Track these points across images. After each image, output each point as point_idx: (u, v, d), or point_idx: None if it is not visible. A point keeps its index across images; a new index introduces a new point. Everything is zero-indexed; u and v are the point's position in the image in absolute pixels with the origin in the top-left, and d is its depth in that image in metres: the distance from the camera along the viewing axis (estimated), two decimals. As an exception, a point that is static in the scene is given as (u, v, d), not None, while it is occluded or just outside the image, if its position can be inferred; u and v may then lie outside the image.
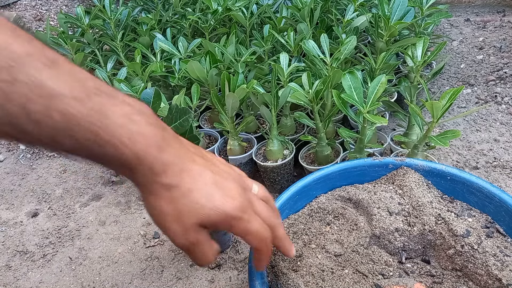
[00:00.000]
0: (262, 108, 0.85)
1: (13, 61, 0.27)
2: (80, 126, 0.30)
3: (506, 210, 0.53)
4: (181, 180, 0.36)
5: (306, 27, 0.98)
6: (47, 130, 0.29)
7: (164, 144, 0.35)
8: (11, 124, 0.28)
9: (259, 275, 0.50)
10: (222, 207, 0.37)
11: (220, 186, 0.38)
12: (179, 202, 0.36)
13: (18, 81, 0.28)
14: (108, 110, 0.32)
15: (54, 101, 0.29)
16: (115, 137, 0.32)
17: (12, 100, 0.28)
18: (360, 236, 0.55)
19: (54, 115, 0.29)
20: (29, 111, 0.28)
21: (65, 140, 0.30)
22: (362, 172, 0.64)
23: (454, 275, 0.51)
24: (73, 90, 0.30)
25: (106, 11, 1.18)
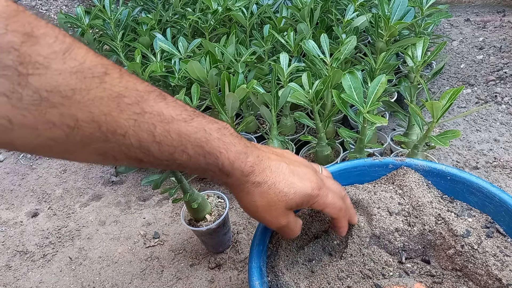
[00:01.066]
0: (262, 108, 0.85)
1: (140, 98, 0.34)
2: (190, 142, 0.37)
3: (506, 210, 0.53)
4: (265, 176, 0.44)
5: (306, 27, 0.98)
6: (167, 149, 0.36)
7: (247, 150, 0.43)
8: (140, 147, 0.35)
9: (260, 275, 0.50)
10: (303, 190, 0.45)
11: (297, 173, 0.46)
12: (268, 194, 0.44)
13: (146, 112, 0.34)
14: (206, 127, 0.39)
15: (171, 124, 0.36)
16: (215, 148, 0.39)
17: (143, 127, 0.34)
18: (360, 236, 0.55)
19: (172, 135, 0.36)
20: (154, 134, 0.35)
21: (180, 155, 0.37)
22: (362, 172, 0.64)
23: (454, 275, 0.51)
24: (181, 114, 0.37)
25: (106, 11, 1.18)
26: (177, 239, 0.94)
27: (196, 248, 0.90)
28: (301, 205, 0.46)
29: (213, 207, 0.83)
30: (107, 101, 0.32)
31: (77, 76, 0.30)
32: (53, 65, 0.29)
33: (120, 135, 0.33)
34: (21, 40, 0.28)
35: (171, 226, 0.97)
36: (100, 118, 0.31)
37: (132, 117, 0.33)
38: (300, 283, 0.52)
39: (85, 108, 0.31)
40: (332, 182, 0.51)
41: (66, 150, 0.32)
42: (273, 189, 0.44)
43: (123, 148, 0.34)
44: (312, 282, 0.52)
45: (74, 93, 0.30)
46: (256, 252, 0.53)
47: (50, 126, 0.30)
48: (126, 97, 0.33)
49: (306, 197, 0.45)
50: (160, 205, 1.04)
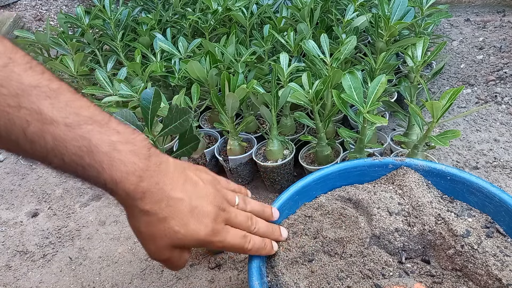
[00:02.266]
0: (262, 108, 0.85)
1: (20, 91, 0.32)
2: (67, 149, 0.35)
3: (506, 210, 0.53)
4: (158, 208, 0.41)
5: (306, 27, 0.98)
6: (40, 149, 0.34)
7: (144, 173, 0.39)
8: (11, 141, 0.33)
9: (259, 275, 0.51)
10: (195, 235, 0.43)
11: (196, 214, 0.43)
12: (155, 226, 0.41)
13: (22, 107, 0.32)
14: (94, 137, 0.36)
15: (48, 126, 0.34)
16: (97, 162, 0.36)
17: (15, 122, 0.32)
18: (360, 236, 0.55)
19: (46, 137, 0.34)
20: (27, 132, 0.33)
21: (54, 159, 0.35)
22: (362, 172, 0.64)
23: (454, 275, 0.51)
24: (66, 118, 0.35)
25: (106, 11, 1.18)
26: (177, 239, 0.93)
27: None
28: (192, 246, 0.45)
29: (213, 207, 0.82)
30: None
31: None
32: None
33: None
34: None
35: (171, 226, 0.97)
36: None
37: (5, 109, 0.32)
38: (300, 283, 0.52)
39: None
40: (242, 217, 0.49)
41: None
42: (163, 224, 0.41)
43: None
44: (312, 282, 0.52)
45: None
46: (256, 252, 0.53)
47: None
48: (4, 87, 0.32)
49: (196, 242, 0.43)
50: (160, 205, 1.04)
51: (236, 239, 0.47)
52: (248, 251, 0.49)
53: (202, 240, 0.43)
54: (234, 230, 0.47)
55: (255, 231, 0.51)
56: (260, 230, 0.51)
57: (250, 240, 0.49)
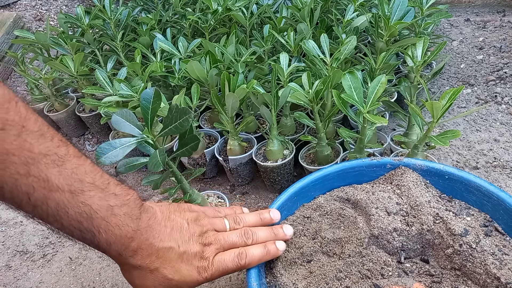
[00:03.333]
0: (262, 108, 0.85)
1: (31, 159, 0.34)
2: (68, 215, 0.37)
3: (504, 208, 0.53)
4: (149, 262, 0.43)
5: (306, 27, 0.98)
6: (41, 213, 0.36)
7: (135, 234, 0.42)
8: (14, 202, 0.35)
9: (258, 276, 0.51)
10: (189, 277, 0.45)
11: (185, 258, 0.46)
12: (148, 278, 0.44)
13: (30, 175, 0.34)
14: (94, 203, 0.38)
15: (53, 193, 0.36)
16: (95, 227, 0.39)
17: (22, 189, 0.34)
18: (358, 237, 0.55)
19: (50, 203, 0.36)
20: (31, 197, 0.35)
21: (53, 223, 0.38)
22: (360, 173, 0.64)
23: (453, 274, 0.51)
24: (71, 185, 0.37)
25: (106, 11, 1.19)
26: (177, 239, 0.94)
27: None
28: None
29: (213, 207, 0.83)
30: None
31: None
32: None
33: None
34: None
35: (171, 226, 0.97)
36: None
37: (14, 176, 0.34)
38: (298, 283, 0.52)
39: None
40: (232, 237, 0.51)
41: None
42: (155, 274, 0.44)
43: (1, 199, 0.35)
44: (311, 283, 0.52)
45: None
46: (255, 252, 0.53)
47: None
48: (16, 156, 0.33)
49: (195, 283, 0.46)
50: (160, 205, 1.04)
51: (229, 263, 0.49)
52: (247, 265, 0.50)
53: (197, 280, 0.46)
54: (226, 254, 0.49)
55: (254, 242, 0.52)
56: (259, 239, 0.52)
57: (246, 255, 0.50)
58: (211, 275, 0.47)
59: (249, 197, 1.02)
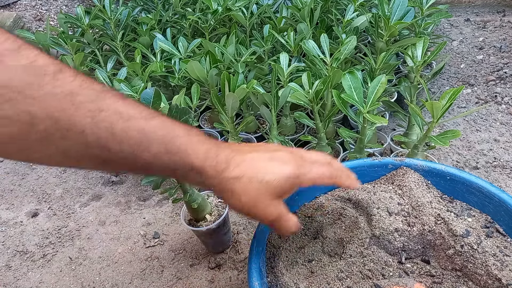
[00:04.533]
0: (262, 108, 0.85)
1: (95, 96, 0.34)
2: (153, 140, 0.37)
3: (506, 209, 0.53)
4: (242, 169, 0.42)
5: (306, 27, 0.98)
6: (128, 148, 0.35)
7: (218, 147, 0.42)
8: (100, 146, 0.34)
9: (259, 276, 0.51)
10: (285, 172, 0.43)
11: (274, 159, 0.44)
12: (251, 187, 0.42)
13: (102, 110, 0.34)
14: (170, 126, 0.38)
15: (131, 121, 0.35)
16: (181, 146, 0.38)
17: (100, 125, 0.34)
18: (360, 237, 0.55)
19: (132, 133, 0.35)
20: (114, 131, 0.34)
21: (143, 154, 0.36)
22: (361, 173, 0.64)
23: (453, 275, 0.51)
24: (141, 113, 0.36)
25: (106, 11, 1.18)
26: (177, 239, 0.94)
27: (196, 248, 0.90)
28: (289, 189, 0.44)
29: (213, 207, 0.83)
30: (60, 98, 0.32)
31: (29, 72, 0.31)
32: (6, 61, 0.30)
33: (77, 132, 0.33)
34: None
35: (171, 226, 0.97)
36: (54, 114, 0.32)
37: (88, 115, 0.33)
38: (300, 283, 0.52)
39: (39, 104, 0.31)
40: (312, 153, 0.49)
41: (24, 147, 0.32)
42: (254, 181, 0.42)
43: (83, 147, 0.34)
44: (312, 283, 0.52)
45: (26, 89, 0.30)
46: (255, 253, 0.53)
47: (6, 122, 0.30)
48: (80, 95, 0.33)
49: (290, 179, 0.43)
50: (160, 205, 1.04)
51: (323, 168, 0.46)
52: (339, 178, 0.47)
53: (292, 175, 0.43)
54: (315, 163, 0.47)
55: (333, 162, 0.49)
56: (336, 162, 0.50)
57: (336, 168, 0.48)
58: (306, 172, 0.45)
59: (249, 197, 1.02)
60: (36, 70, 0.31)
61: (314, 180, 0.45)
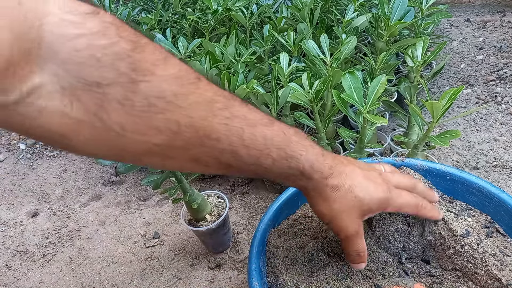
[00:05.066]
0: (262, 108, 0.85)
1: (227, 103, 0.35)
2: (274, 145, 0.38)
3: (506, 209, 0.53)
4: (342, 180, 0.43)
5: (306, 27, 0.98)
6: (254, 153, 0.37)
7: (324, 152, 0.43)
8: (231, 151, 0.35)
9: (259, 275, 0.50)
10: (378, 194, 0.45)
11: (369, 178, 0.45)
12: (345, 199, 0.43)
13: (234, 116, 0.35)
14: (285, 131, 0.39)
15: (256, 128, 0.36)
16: (295, 151, 0.40)
17: (233, 131, 0.35)
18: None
19: (258, 139, 0.36)
20: (243, 137, 0.35)
21: (265, 159, 0.38)
22: (362, 172, 0.64)
23: (454, 275, 0.51)
24: (262, 119, 0.38)
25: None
26: (177, 239, 0.94)
27: (196, 248, 0.90)
28: (376, 210, 0.46)
29: (213, 207, 0.83)
30: (203, 106, 0.33)
31: (177, 82, 0.31)
32: (158, 71, 0.30)
33: (214, 139, 0.34)
34: (131, 46, 0.28)
35: (171, 226, 0.97)
36: (198, 122, 0.32)
37: (223, 122, 0.34)
38: (300, 283, 0.52)
39: (185, 113, 0.32)
40: (398, 177, 0.50)
41: (167, 155, 0.33)
42: (350, 194, 0.44)
43: (217, 153, 0.35)
44: (312, 283, 0.52)
45: (176, 99, 0.31)
46: (255, 253, 0.53)
47: (156, 132, 0.31)
48: (217, 102, 0.34)
49: (380, 201, 0.45)
50: (160, 205, 1.04)
51: (410, 196, 0.48)
52: (424, 208, 0.49)
53: (382, 198, 0.45)
54: (402, 189, 0.48)
55: (416, 184, 0.51)
56: (419, 184, 0.52)
57: (421, 198, 0.49)
58: (396, 197, 0.46)
59: (249, 197, 1.02)
60: (183, 80, 0.32)
61: (401, 207, 0.47)
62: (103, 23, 0.27)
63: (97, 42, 0.27)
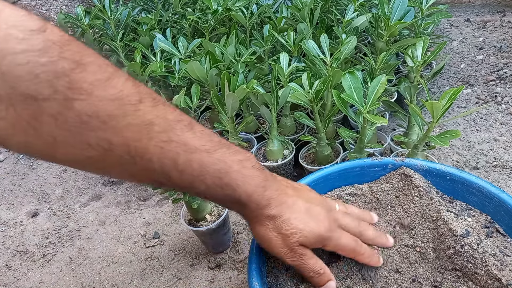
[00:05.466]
0: (262, 108, 0.85)
1: (168, 126, 0.36)
2: (209, 173, 0.39)
3: (506, 209, 0.53)
4: (281, 211, 0.45)
5: (306, 27, 0.98)
6: (187, 177, 0.38)
7: (266, 183, 0.44)
8: (164, 173, 0.36)
9: (259, 276, 0.50)
10: (317, 230, 0.46)
11: (311, 213, 0.46)
12: (282, 228, 0.45)
13: (172, 141, 0.36)
14: (227, 159, 0.40)
15: (194, 154, 0.37)
16: (233, 180, 0.41)
17: (167, 155, 0.36)
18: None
19: (193, 165, 0.37)
20: (178, 162, 0.37)
21: (199, 185, 0.39)
22: (361, 173, 0.64)
23: (453, 275, 0.51)
24: (204, 145, 0.38)
25: (106, 11, 1.18)
26: (177, 239, 0.94)
27: (196, 248, 0.90)
28: (314, 244, 0.47)
29: (213, 207, 0.83)
30: (139, 128, 0.34)
31: (114, 103, 0.32)
32: (95, 91, 0.31)
33: (147, 160, 0.35)
34: (71, 67, 0.30)
35: (171, 226, 0.97)
36: (131, 143, 0.34)
37: (159, 145, 0.35)
38: (300, 283, 0.52)
39: (119, 133, 0.33)
40: (348, 220, 0.51)
41: (100, 168, 0.35)
42: (287, 224, 0.45)
43: (148, 172, 0.36)
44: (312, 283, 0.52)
45: (111, 119, 0.32)
46: (255, 253, 0.53)
47: (87, 146, 0.32)
48: (156, 125, 0.35)
49: (319, 238, 0.46)
50: (160, 205, 1.04)
51: (350, 240, 0.49)
52: (361, 255, 0.50)
53: (322, 235, 0.46)
54: (345, 232, 0.49)
55: (364, 232, 0.52)
56: (367, 232, 0.52)
57: (362, 244, 0.50)
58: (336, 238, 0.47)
59: (249, 197, 1.02)
60: (121, 101, 0.33)
61: (338, 249, 0.48)
62: (46, 42, 0.29)
63: (38, 59, 0.28)
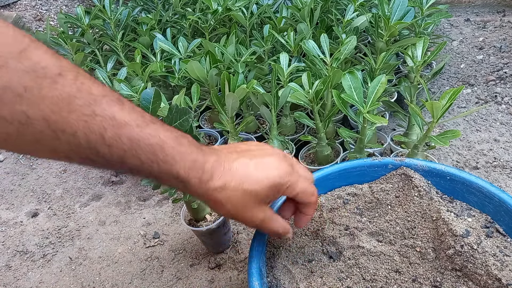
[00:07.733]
0: (262, 108, 0.85)
1: (92, 100, 0.35)
2: (142, 148, 0.38)
3: (506, 210, 0.53)
4: (226, 179, 0.43)
5: (306, 27, 0.98)
6: (117, 152, 0.37)
7: (204, 157, 0.42)
8: (90, 148, 0.35)
9: (259, 276, 0.50)
10: (271, 180, 0.44)
11: (261, 167, 0.45)
12: (235, 197, 0.43)
13: (96, 115, 0.35)
14: (161, 134, 0.39)
15: (123, 128, 0.36)
16: (169, 156, 0.39)
17: (93, 129, 0.35)
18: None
19: (122, 139, 0.36)
20: (104, 137, 0.35)
21: (131, 160, 0.38)
22: (361, 173, 0.64)
23: (453, 275, 0.51)
24: (136, 120, 0.37)
25: (106, 11, 1.18)
26: (177, 239, 0.94)
27: (196, 248, 0.90)
28: (273, 196, 0.45)
29: (213, 207, 0.82)
30: (57, 101, 0.33)
31: (30, 75, 0.32)
32: (10, 64, 0.31)
33: (70, 134, 0.34)
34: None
35: (171, 226, 0.97)
36: (50, 116, 0.33)
37: (82, 118, 0.34)
38: (300, 283, 0.52)
39: (35, 106, 0.32)
40: (300, 167, 0.49)
41: (19, 144, 0.34)
42: (239, 190, 0.43)
43: (73, 147, 0.35)
44: (312, 283, 0.52)
45: (25, 91, 0.31)
46: (255, 253, 0.53)
47: (4, 121, 0.31)
48: (78, 99, 0.34)
49: (275, 187, 0.44)
50: (160, 205, 1.04)
51: (307, 183, 0.47)
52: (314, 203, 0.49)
53: (278, 182, 0.44)
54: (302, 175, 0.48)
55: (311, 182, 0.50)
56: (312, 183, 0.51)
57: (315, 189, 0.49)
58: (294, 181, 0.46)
59: (249, 197, 1.02)
60: (37, 73, 0.32)
61: (297, 193, 0.47)
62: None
63: None
